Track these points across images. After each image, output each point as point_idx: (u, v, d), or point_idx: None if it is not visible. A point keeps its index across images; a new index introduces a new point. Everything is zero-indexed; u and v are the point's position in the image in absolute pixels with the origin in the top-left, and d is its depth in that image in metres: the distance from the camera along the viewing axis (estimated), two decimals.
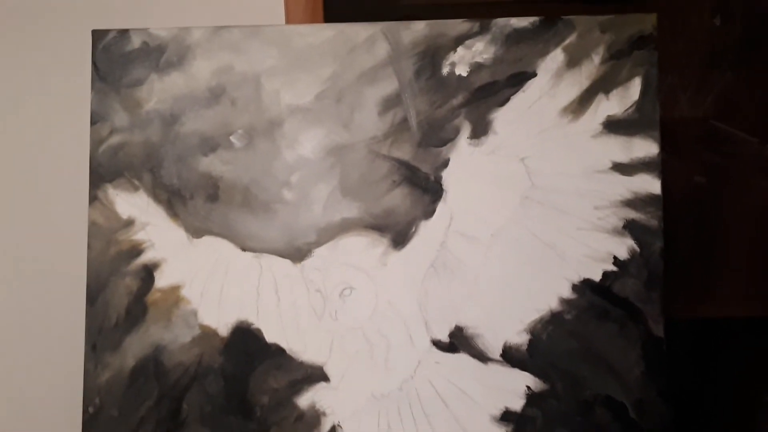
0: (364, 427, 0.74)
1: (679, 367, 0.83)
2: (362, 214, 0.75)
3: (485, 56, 0.75)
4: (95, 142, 0.76)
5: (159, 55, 0.76)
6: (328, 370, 0.74)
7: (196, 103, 0.76)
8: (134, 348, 0.75)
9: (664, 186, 0.76)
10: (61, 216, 0.89)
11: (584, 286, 0.74)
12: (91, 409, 0.74)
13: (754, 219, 0.96)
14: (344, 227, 0.75)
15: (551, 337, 0.74)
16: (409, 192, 0.75)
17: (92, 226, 0.76)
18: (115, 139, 0.76)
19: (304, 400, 0.74)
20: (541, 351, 0.74)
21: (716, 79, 0.96)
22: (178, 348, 0.75)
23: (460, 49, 0.75)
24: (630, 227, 0.74)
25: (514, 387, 0.74)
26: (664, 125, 0.94)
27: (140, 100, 0.76)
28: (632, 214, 0.74)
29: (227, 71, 0.76)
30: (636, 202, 0.74)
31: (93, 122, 0.76)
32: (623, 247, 0.74)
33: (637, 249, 0.74)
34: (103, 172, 0.76)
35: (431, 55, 0.75)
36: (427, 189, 0.75)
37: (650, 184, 0.74)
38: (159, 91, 0.76)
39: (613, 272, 0.74)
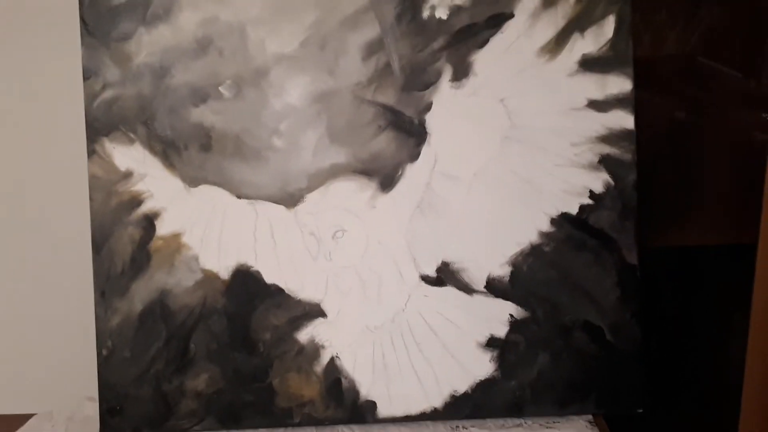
0: (360, 356, 0.79)
1: (654, 293, 0.88)
2: (350, 159, 0.78)
3: None
4: (89, 97, 0.78)
5: (145, 8, 0.77)
6: (325, 307, 0.79)
7: (185, 55, 0.78)
8: (141, 293, 0.79)
9: (646, 122, 0.79)
10: (63, 170, 0.91)
11: (562, 220, 0.78)
12: (104, 352, 0.79)
13: (733, 151, 0.99)
14: (333, 172, 0.78)
15: (531, 268, 0.78)
16: (395, 136, 0.78)
17: (92, 178, 0.78)
18: (108, 94, 0.78)
19: (303, 335, 0.79)
20: (522, 281, 0.78)
21: (703, 15, 0.97)
22: (182, 291, 0.79)
23: None
24: (605, 162, 0.77)
25: (498, 315, 0.78)
26: (650, 63, 0.96)
27: (130, 54, 0.78)
28: (607, 149, 0.77)
29: (213, 22, 0.77)
30: (610, 137, 0.77)
31: (85, 77, 0.78)
32: (598, 181, 0.77)
33: (612, 182, 0.77)
34: (99, 126, 0.78)
35: None
36: (411, 132, 0.78)
37: (624, 120, 0.77)
38: (147, 44, 0.78)
39: (589, 205, 0.77)
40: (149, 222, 0.79)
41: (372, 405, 0.79)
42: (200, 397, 0.79)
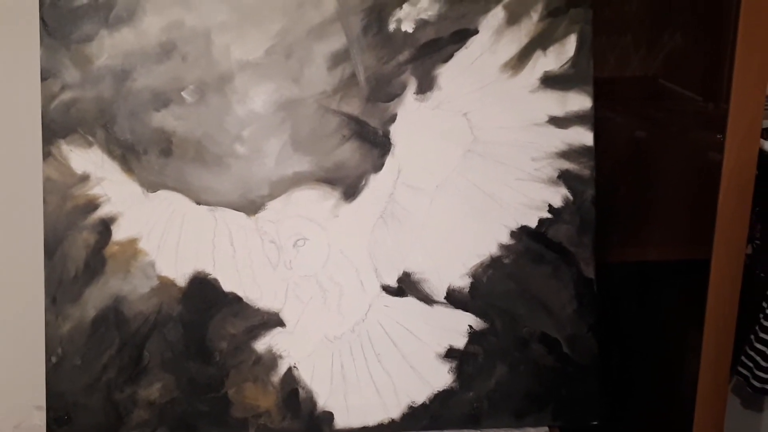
0: (318, 366, 0.78)
1: (611, 307, 0.89)
2: (314, 168, 0.78)
3: (430, 13, 0.77)
4: (47, 98, 0.76)
5: (108, 11, 0.76)
6: (284, 316, 0.78)
7: (148, 59, 0.77)
8: (94, 299, 0.77)
9: (607, 139, 0.80)
10: (16, 172, 0.89)
11: (521, 233, 0.78)
12: (54, 359, 0.77)
13: (689, 171, 1.01)
14: (296, 180, 0.78)
15: (491, 279, 0.78)
16: (359, 146, 0.78)
17: (47, 181, 0.77)
18: (66, 95, 0.77)
19: (261, 345, 0.78)
20: (481, 293, 0.78)
21: (666, 41, 1.00)
22: (137, 298, 0.77)
23: (405, 6, 0.77)
24: (564, 177, 0.78)
25: (458, 326, 0.79)
26: (614, 83, 0.98)
27: (91, 56, 0.77)
28: (566, 165, 0.78)
29: (178, 27, 0.77)
30: (570, 153, 0.78)
31: (43, 78, 0.76)
32: (558, 195, 0.79)
33: (571, 197, 0.78)
34: (56, 128, 0.76)
35: (378, 12, 0.77)
36: (375, 143, 0.78)
37: (583, 136, 0.78)
38: (109, 47, 0.77)
39: (548, 219, 0.78)
40: (105, 227, 0.77)
41: (329, 416, 0.78)
42: (153, 407, 0.77)
